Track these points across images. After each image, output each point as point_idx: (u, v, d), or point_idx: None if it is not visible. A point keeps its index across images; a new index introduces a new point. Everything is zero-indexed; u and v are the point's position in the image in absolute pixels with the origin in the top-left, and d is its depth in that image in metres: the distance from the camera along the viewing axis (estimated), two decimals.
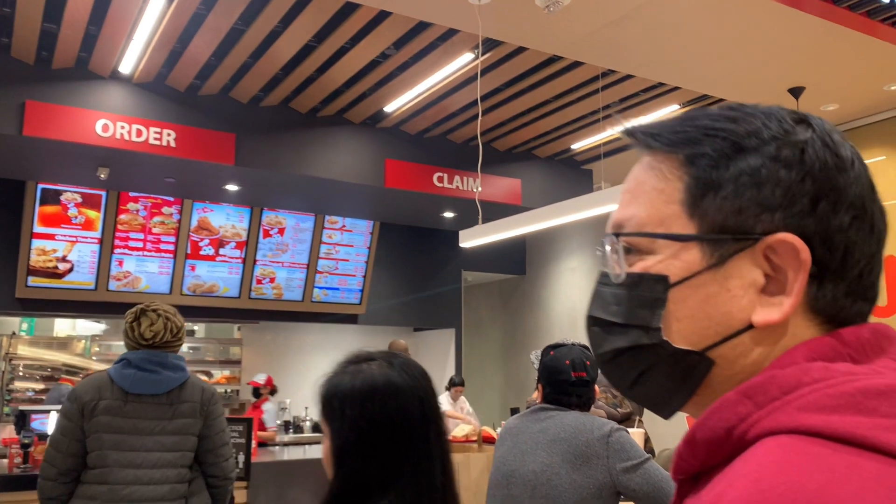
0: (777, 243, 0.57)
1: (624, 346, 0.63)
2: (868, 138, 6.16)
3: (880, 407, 0.49)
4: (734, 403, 0.54)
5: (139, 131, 5.67)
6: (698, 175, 0.61)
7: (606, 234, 0.66)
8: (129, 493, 2.50)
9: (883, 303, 5.96)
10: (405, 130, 6.82)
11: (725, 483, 0.48)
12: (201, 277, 7.45)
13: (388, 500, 1.21)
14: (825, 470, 0.45)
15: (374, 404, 1.25)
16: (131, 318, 2.73)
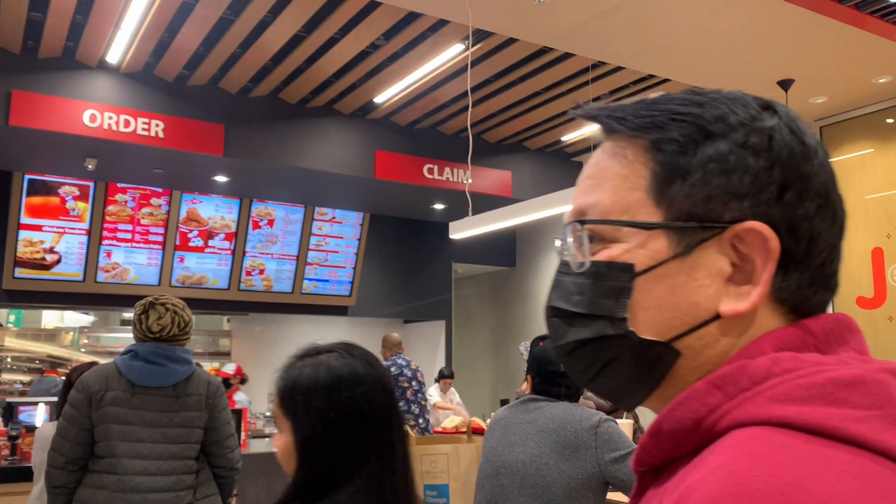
0: (745, 232, 0.56)
1: (587, 336, 0.60)
2: (856, 131, 6.19)
3: (850, 398, 0.48)
4: (703, 394, 0.53)
5: (127, 122, 5.63)
6: (665, 161, 0.59)
7: (568, 223, 0.64)
8: (137, 483, 2.54)
9: (869, 294, 6.00)
10: (395, 122, 6.80)
11: (698, 476, 0.47)
12: (190, 269, 7.42)
13: (354, 486, 1.22)
14: (800, 462, 0.44)
15: (342, 395, 1.27)
16: (140, 310, 2.74)
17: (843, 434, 0.46)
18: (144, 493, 2.54)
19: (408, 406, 6.11)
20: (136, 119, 5.67)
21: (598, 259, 0.60)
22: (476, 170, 6.99)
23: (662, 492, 0.53)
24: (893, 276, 5.85)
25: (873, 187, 6.04)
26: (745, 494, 0.42)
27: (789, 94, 5.51)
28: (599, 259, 0.60)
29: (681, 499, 0.46)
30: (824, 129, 6.39)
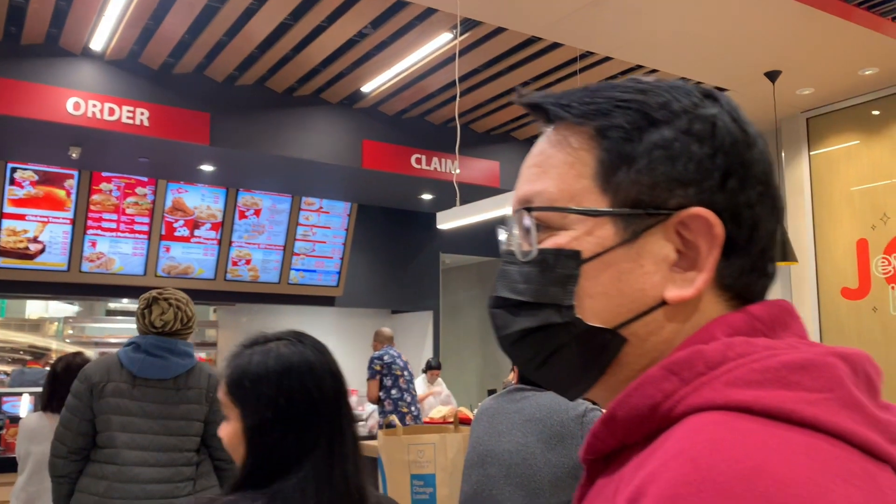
0: (690, 218, 0.57)
1: (533, 325, 0.60)
2: (842, 122, 6.21)
3: (802, 381, 0.49)
4: (659, 380, 0.53)
5: (111, 110, 5.57)
6: (611, 148, 0.59)
7: (513, 211, 0.64)
8: (136, 473, 2.56)
9: (854, 285, 6.05)
10: (383, 111, 6.77)
11: (658, 462, 0.47)
12: (176, 259, 7.38)
13: (303, 472, 1.23)
14: (760, 446, 0.45)
15: (292, 381, 1.28)
16: (143, 305, 2.77)
17: (798, 417, 0.47)
18: (143, 483, 2.56)
19: (401, 394, 6.15)
20: (121, 107, 5.61)
21: (544, 247, 0.60)
22: (464, 160, 6.97)
23: (617, 480, 0.53)
24: (878, 268, 5.89)
25: (859, 179, 6.08)
26: (709, 480, 0.43)
27: (776, 85, 5.52)
28: (546, 247, 0.60)
29: (642, 486, 0.46)
30: (811, 121, 6.41)
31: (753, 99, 5.87)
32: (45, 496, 3.38)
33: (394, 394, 6.16)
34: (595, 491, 0.58)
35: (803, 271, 6.30)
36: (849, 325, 6.05)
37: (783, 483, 0.42)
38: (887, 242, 5.85)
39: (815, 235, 6.33)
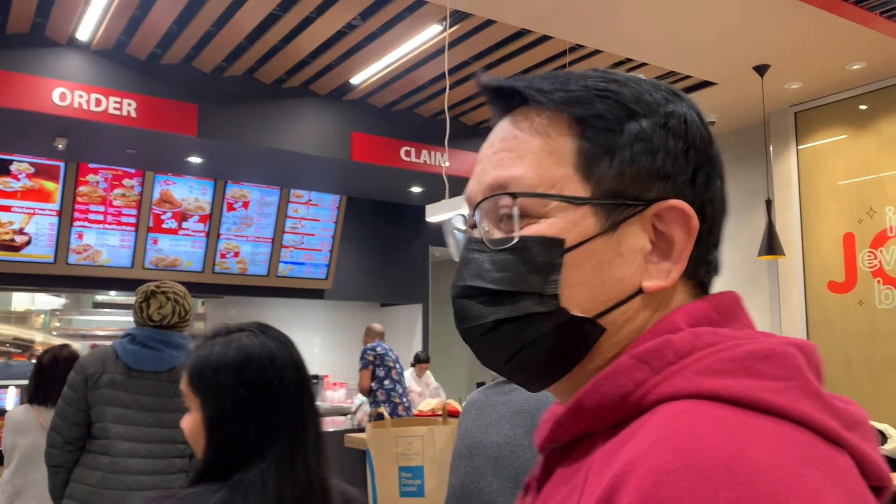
0: (667, 210, 0.59)
1: (511, 315, 0.59)
2: (829, 117, 6.24)
3: (767, 370, 0.51)
4: (630, 369, 0.54)
5: (98, 101, 5.53)
6: (594, 138, 0.60)
7: (485, 196, 0.62)
8: (129, 464, 2.58)
9: (840, 279, 6.08)
10: (372, 103, 6.75)
11: (637, 450, 0.47)
12: (164, 251, 7.34)
13: (265, 463, 1.23)
14: (735, 433, 0.46)
15: (252, 370, 1.28)
16: (141, 298, 2.77)
17: (764, 404, 0.49)
18: (136, 475, 2.57)
19: (393, 385, 6.17)
20: (108, 98, 5.57)
21: (527, 234, 0.59)
22: (453, 153, 6.96)
23: (584, 468, 0.54)
24: (864, 262, 5.93)
25: (846, 173, 6.11)
26: (692, 467, 0.44)
27: (765, 79, 5.53)
28: (528, 234, 0.59)
29: (622, 474, 0.47)
30: (799, 115, 6.44)
31: (742, 93, 5.89)
32: (32, 489, 3.37)
33: (387, 384, 6.18)
34: (555, 479, 0.59)
35: (790, 265, 6.33)
36: (835, 319, 6.09)
37: (761, 469, 0.43)
38: (873, 236, 5.88)
39: (803, 229, 6.36)
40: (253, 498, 1.19)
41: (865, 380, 5.88)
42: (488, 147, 0.64)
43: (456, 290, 0.62)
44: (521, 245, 0.59)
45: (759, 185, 6.59)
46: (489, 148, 0.64)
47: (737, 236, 6.95)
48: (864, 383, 5.88)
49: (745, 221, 6.86)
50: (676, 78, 5.92)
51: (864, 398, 5.86)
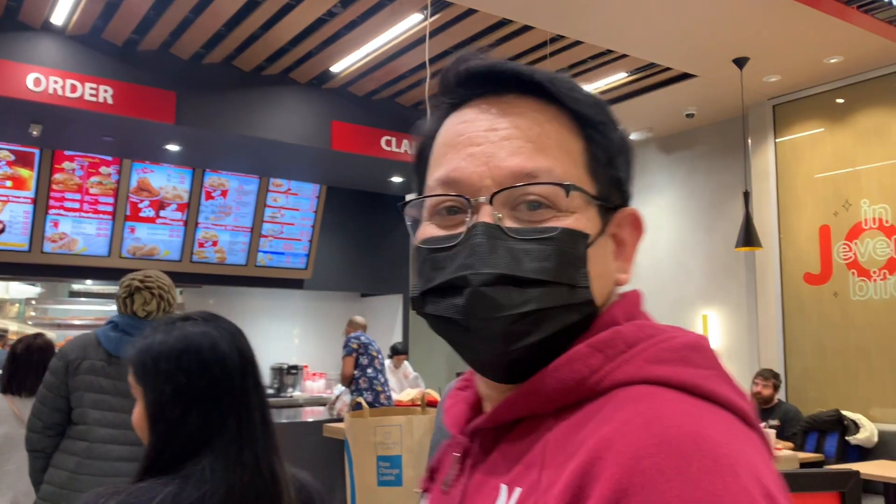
0: (628, 214, 0.68)
1: (550, 304, 0.60)
2: (807, 110, 6.30)
3: (697, 359, 0.58)
4: (586, 356, 0.59)
5: (73, 87, 5.45)
6: (600, 142, 0.65)
7: (513, 184, 0.61)
8: (106, 450, 2.58)
9: (816, 270, 6.16)
10: (352, 92, 6.71)
11: (610, 429, 0.52)
12: (141, 240, 7.27)
13: (213, 455, 1.22)
14: (692, 414, 0.53)
15: (191, 358, 1.27)
16: (124, 293, 2.75)
17: (700, 390, 0.56)
18: (113, 461, 2.57)
19: (376, 374, 6.18)
20: (84, 84, 5.49)
21: (567, 226, 0.61)
22: None
23: (541, 446, 0.58)
24: (839, 254, 6.00)
25: (823, 166, 6.17)
26: (665, 442, 0.49)
27: (744, 71, 5.57)
28: (568, 226, 0.61)
29: (598, 451, 0.51)
30: (777, 108, 6.49)
31: (721, 85, 5.92)
32: (6, 479, 3.33)
33: (369, 372, 6.18)
34: (497, 457, 0.62)
35: (767, 256, 6.40)
36: (810, 310, 6.16)
37: (718, 444, 0.50)
38: (849, 229, 5.96)
39: (780, 221, 6.43)
40: (203, 489, 1.18)
41: (839, 370, 5.96)
42: (489, 130, 0.63)
43: (483, 276, 0.60)
44: (559, 236, 0.61)
45: (737, 177, 6.64)
46: (492, 132, 0.63)
47: (714, 228, 7.01)
48: (838, 374, 5.97)
49: (722, 213, 6.92)
50: (657, 69, 5.95)
51: (838, 388, 5.95)
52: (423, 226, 0.67)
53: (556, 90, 0.64)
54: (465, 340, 0.63)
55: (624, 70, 6.04)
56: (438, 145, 0.67)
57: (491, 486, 0.61)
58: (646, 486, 0.48)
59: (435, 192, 0.65)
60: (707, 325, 6.99)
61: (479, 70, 0.65)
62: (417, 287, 0.65)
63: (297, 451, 5.07)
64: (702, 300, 7.08)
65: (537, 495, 0.55)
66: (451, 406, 0.73)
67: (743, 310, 6.76)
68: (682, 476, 0.48)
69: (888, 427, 5.54)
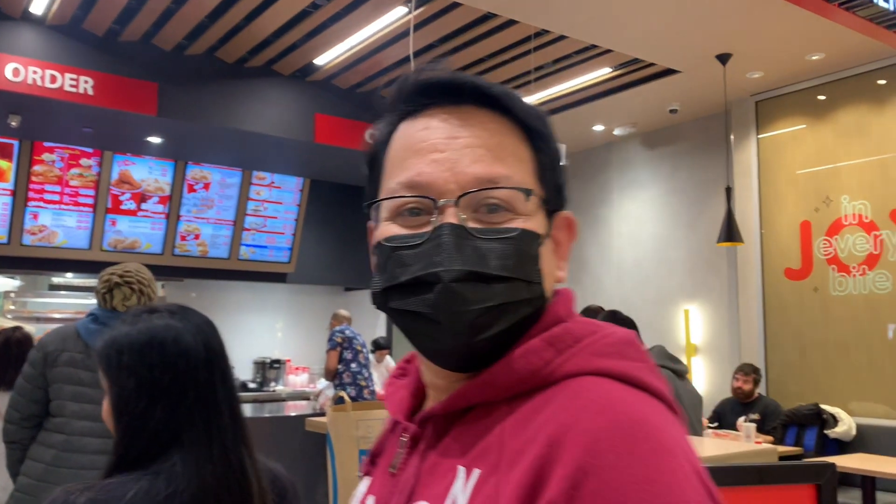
0: (564, 217, 0.74)
1: (511, 299, 0.66)
2: (789, 107, 6.34)
3: (631, 353, 0.65)
4: (540, 350, 0.65)
5: (53, 77, 5.38)
6: (547, 151, 0.72)
7: (476, 188, 0.66)
8: (84, 443, 2.56)
9: (797, 266, 6.21)
10: (336, 84, 6.68)
11: (567, 416, 0.59)
12: (122, 233, 7.20)
13: (184, 450, 1.21)
14: (636, 401, 0.60)
15: (154, 350, 1.26)
16: (104, 289, 2.72)
17: (636, 380, 0.63)
18: (91, 454, 2.55)
19: (360, 369, 6.18)
20: (63, 74, 5.42)
21: (525, 227, 0.67)
22: None
23: (497, 431, 0.63)
24: (820, 249, 6.06)
25: (804, 162, 6.22)
26: (618, 427, 0.57)
27: (727, 68, 5.60)
28: (526, 228, 0.67)
29: (558, 435, 0.57)
30: (760, 104, 6.53)
31: (704, 81, 5.95)
32: None
33: (353, 367, 6.18)
34: (451, 441, 0.67)
35: (749, 252, 6.44)
36: (791, 305, 6.22)
37: (659, 428, 0.58)
38: (829, 225, 6.01)
39: (761, 217, 6.47)
40: (174, 485, 1.17)
41: (818, 365, 6.02)
42: (451, 138, 0.68)
43: (453, 273, 0.64)
44: (519, 236, 0.67)
45: (720, 172, 6.69)
46: (454, 140, 0.68)
47: (697, 223, 7.05)
48: (818, 368, 6.03)
49: (705, 209, 6.96)
50: (641, 65, 5.96)
51: (818, 383, 6.01)
52: (383, 225, 0.71)
53: (510, 104, 0.70)
54: (433, 333, 0.66)
55: (608, 65, 6.06)
56: (397, 149, 0.72)
57: (446, 469, 0.65)
58: (603, 466, 0.55)
59: (400, 194, 0.69)
60: (689, 320, 7.04)
61: (442, 81, 0.70)
62: (380, 283, 0.70)
63: (280, 445, 5.06)
64: (684, 295, 7.12)
65: (498, 476, 0.60)
66: (392, 394, 0.79)
67: (724, 304, 6.81)
68: (633, 456, 0.55)
69: (866, 421, 5.60)
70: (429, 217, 0.67)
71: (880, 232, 5.70)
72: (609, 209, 7.92)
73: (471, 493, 0.62)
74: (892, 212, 5.65)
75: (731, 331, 6.72)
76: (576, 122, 7.22)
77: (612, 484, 0.54)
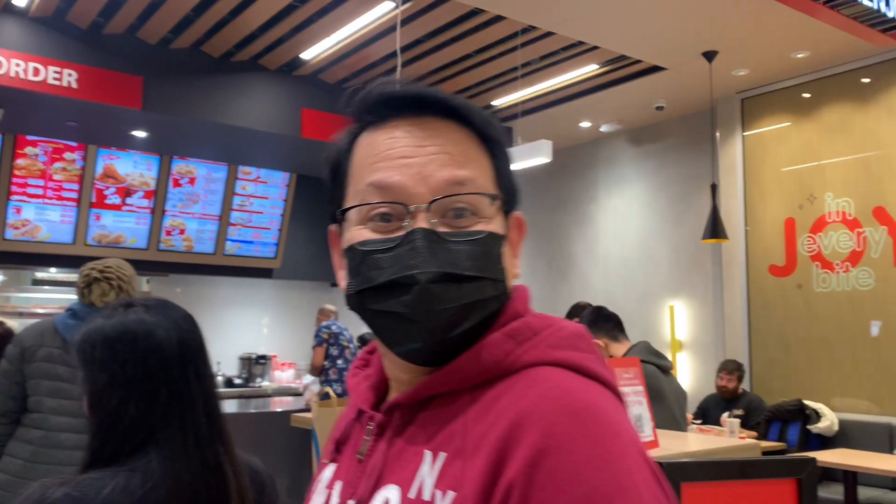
0: (517, 218, 0.80)
1: (480, 297, 0.71)
2: (774, 104, 6.38)
3: (582, 346, 0.72)
4: (502, 342, 0.70)
5: (37, 70, 5.33)
6: (502, 158, 0.77)
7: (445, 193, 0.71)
8: (62, 439, 2.54)
9: (781, 262, 6.25)
10: (323, 79, 6.66)
11: (526, 402, 0.64)
12: (107, 227, 7.15)
13: (159, 447, 1.21)
14: (585, 389, 0.67)
15: (125, 345, 1.25)
16: (83, 283, 2.70)
17: (587, 370, 0.69)
18: (69, 449, 2.52)
19: (346, 365, 6.17)
20: (47, 67, 5.37)
21: (490, 230, 0.73)
22: None
23: (461, 417, 0.68)
24: (804, 246, 6.10)
25: (789, 160, 6.26)
26: (572, 412, 0.63)
27: (713, 65, 5.62)
28: (491, 230, 0.73)
29: (518, 420, 0.63)
30: (745, 102, 6.56)
31: (690, 78, 5.97)
32: None
33: (339, 363, 6.17)
34: (417, 427, 0.72)
35: (734, 248, 6.48)
36: (775, 301, 6.26)
37: (606, 412, 0.65)
38: (813, 222, 6.05)
39: (746, 214, 6.51)
40: (150, 481, 1.17)
41: (802, 361, 6.07)
42: (418, 146, 0.73)
43: (429, 275, 0.69)
44: (486, 238, 0.72)
45: (705, 169, 6.72)
46: (421, 148, 0.73)
47: (682, 220, 7.08)
48: (801, 364, 6.08)
49: (690, 205, 6.99)
50: (627, 62, 5.98)
51: (801, 379, 6.06)
52: (354, 230, 0.75)
53: (469, 115, 0.75)
54: (410, 331, 0.70)
55: (595, 62, 6.07)
56: (364, 156, 0.76)
57: (413, 453, 0.70)
58: (559, 447, 0.61)
59: (369, 198, 0.73)
60: (674, 316, 7.07)
61: (408, 94, 0.75)
62: (354, 285, 0.74)
63: (266, 441, 5.04)
64: (669, 291, 7.16)
65: (463, 458, 0.66)
66: (356, 385, 0.84)
67: (709, 301, 6.85)
68: (586, 437, 0.61)
69: (848, 416, 5.66)
70: (400, 222, 0.71)
71: (863, 229, 5.75)
72: (595, 206, 7.94)
73: (437, 474, 0.67)
74: (875, 209, 5.70)
75: (716, 327, 6.76)
76: (562, 118, 7.23)
77: (566, 462, 0.60)
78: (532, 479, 0.60)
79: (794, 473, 1.43)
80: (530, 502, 0.60)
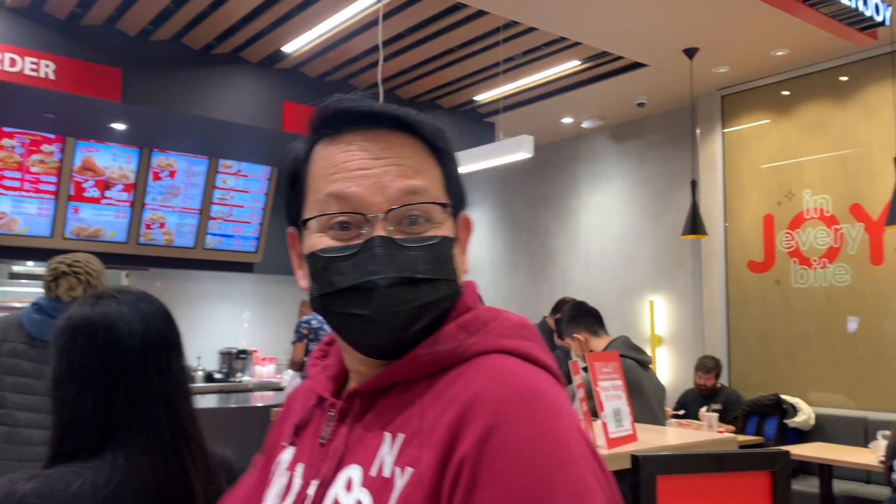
0: (464, 219, 0.86)
1: (435, 297, 0.77)
2: (753, 102, 6.43)
3: (526, 335, 0.78)
4: (455, 333, 0.77)
5: (13, 61, 5.26)
6: (451, 167, 0.83)
7: (401, 202, 0.76)
8: (27, 435, 2.52)
9: (760, 258, 6.31)
10: (305, 73, 6.62)
11: (477, 386, 0.70)
12: (85, 221, 7.08)
13: (120, 444, 1.19)
14: (532, 375, 0.73)
15: (85, 336, 1.24)
16: (50, 276, 2.69)
17: (531, 357, 0.76)
18: (34, 445, 2.50)
19: None
20: (24, 58, 5.30)
21: (443, 235, 0.79)
22: None
23: (418, 403, 0.74)
24: (782, 242, 6.17)
25: (768, 157, 6.32)
26: (520, 394, 0.69)
27: (694, 62, 5.66)
28: (443, 234, 0.79)
29: (470, 402, 0.69)
30: (725, 99, 6.61)
31: (671, 75, 6.01)
32: None
33: None
34: (377, 413, 0.77)
35: (713, 244, 6.54)
36: (753, 297, 6.32)
37: (549, 394, 0.71)
38: (791, 218, 6.12)
39: (726, 210, 6.57)
40: (115, 478, 1.15)
41: (780, 356, 6.14)
42: (375, 158, 0.78)
43: (388, 280, 0.75)
44: (439, 243, 0.78)
45: (685, 166, 6.76)
46: (377, 160, 0.78)
47: (662, 216, 7.13)
48: (779, 359, 6.15)
49: (670, 201, 7.04)
50: (609, 58, 6.00)
51: (779, 373, 6.13)
52: (314, 237, 0.79)
53: (420, 127, 0.81)
54: (371, 330, 0.76)
55: (577, 58, 6.08)
56: (322, 167, 0.81)
57: (373, 436, 0.76)
58: (507, 423, 0.67)
59: (329, 208, 0.78)
60: (654, 311, 7.13)
61: (364, 109, 0.81)
62: (317, 289, 0.79)
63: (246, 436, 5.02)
64: (649, 286, 7.21)
65: (420, 438, 0.71)
66: (316, 374, 0.90)
67: (689, 296, 6.91)
68: (531, 416, 0.67)
69: (825, 411, 5.73)
70: (359, 230, 0.77)
71: (840, 226, 5.82)
72: (577, 201, 7.97)
73: (396, 453, 0.72)
74: (853, 206, 5.76)
75: (695, 322, 6.82)
76: (544, 114, 7.25)
77: (512, 437, 0.66)
78: (481, 453, 0.66)
79: (769, 466, 1.45)
80: (480, 473, 0.65)
